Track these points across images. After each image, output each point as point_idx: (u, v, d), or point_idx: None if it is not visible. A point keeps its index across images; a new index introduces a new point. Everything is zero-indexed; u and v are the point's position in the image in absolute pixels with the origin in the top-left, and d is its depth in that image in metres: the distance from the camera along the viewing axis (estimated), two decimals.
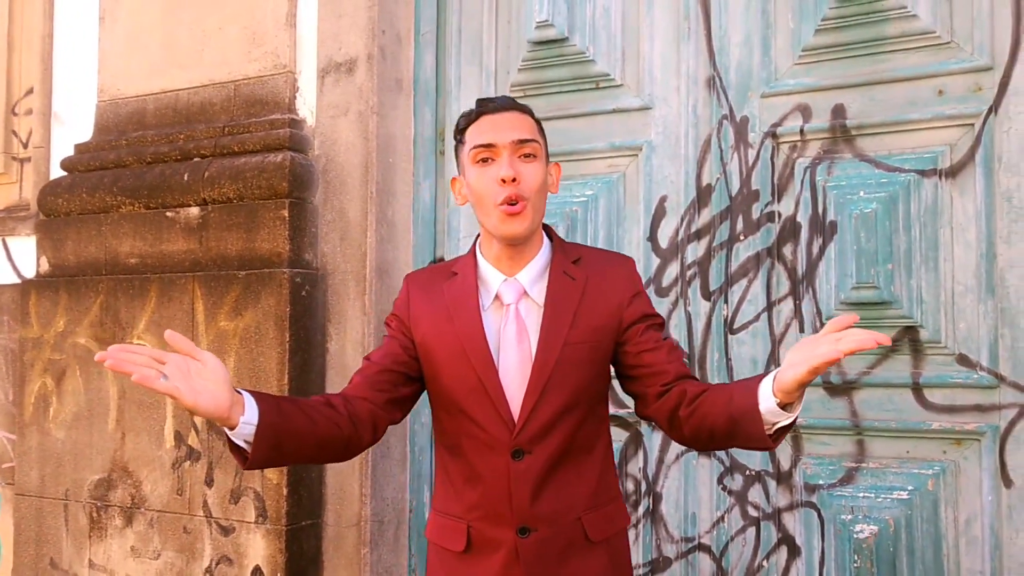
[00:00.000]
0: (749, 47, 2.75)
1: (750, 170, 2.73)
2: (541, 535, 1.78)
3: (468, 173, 1.83)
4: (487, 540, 1.80)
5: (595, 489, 1.84)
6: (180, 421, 3.13)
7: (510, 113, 1.82)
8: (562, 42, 3.00)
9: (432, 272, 1.96)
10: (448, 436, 1.86)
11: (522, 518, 1.77)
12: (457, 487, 1.84)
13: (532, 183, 1.78)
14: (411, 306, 1.88)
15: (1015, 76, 2.43)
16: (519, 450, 1.78)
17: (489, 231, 1.82)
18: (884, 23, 2.58)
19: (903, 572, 2.49)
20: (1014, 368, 2.40)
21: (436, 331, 1.83)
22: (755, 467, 2.69)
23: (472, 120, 1.83)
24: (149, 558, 3.17)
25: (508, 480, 1.77)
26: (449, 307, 1.83)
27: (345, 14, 3.12)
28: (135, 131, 3.48)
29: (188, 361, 1.50)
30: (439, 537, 1.88)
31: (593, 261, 1.89)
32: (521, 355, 1.79)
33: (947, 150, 2.50)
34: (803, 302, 2.65)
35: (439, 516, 1.89)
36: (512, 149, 1.78)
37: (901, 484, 2.51)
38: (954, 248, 2.48)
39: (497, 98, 1.87)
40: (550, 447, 1.78)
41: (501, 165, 1.76)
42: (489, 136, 1.78)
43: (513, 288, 1.83)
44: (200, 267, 3.16)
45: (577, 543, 1.80)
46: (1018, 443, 2.39)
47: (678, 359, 1.84)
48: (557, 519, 1.79)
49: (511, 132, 1.79)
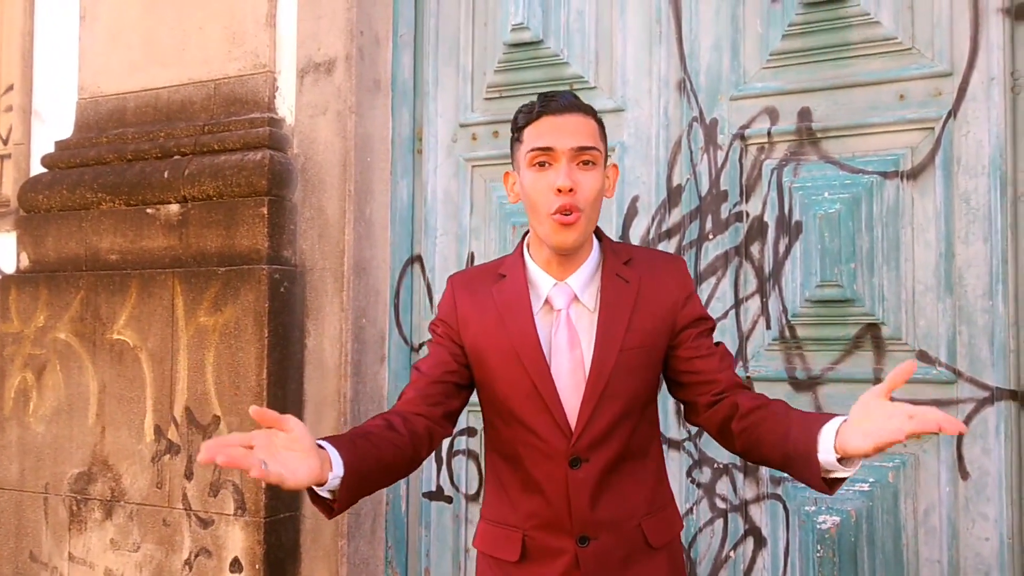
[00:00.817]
0: (719, 51, 2.83)
1: (719, 171, 2.80)
2: (602, 543, 1.74)
3: (523, 174, 1.75)
4: (544, 549, 1.76)
5: (653, 493, 1.82)
6: (160, 415, 3.17)
7: (573, 115, 1.72)
8: (537, 44, 3.06)
9: (477, 273, 1.89)
10: (505, 444, 1.81)
11: (582, 527, 1.74)
12: (512, 496, 1.80)
13: (589, 193, 1.70)
14: (458, 309, 1.82)
15: (973, 82, 2.51)
16: (577, 458, 1.73)
17: (540, 237, 1.75)
18: (848, 29, 2.66)
19: (864, 561, 2.57)
20: (971, 364, 2.48)
21: (487, 334, 1.78)
22: (723, 461, 2.76)
23: (532, 119, 1.73)
24: (128, 551, 3.21)
25: (567, 489, 1.73)
26: (500, 310, 1.77)
27: (324, 15, 3.17)
28: (115, 128, 3.51)
29: (272, 435, 1.40)
30: (491, 547, 1.83)
31: (644, 261, 1.83)
32: (573, 362, 1.74)
33: (908, 153, 2.58)
34: (770, 299, 2.72)
35: (490, 525, 1.85)
36: (571, 156, 1.69)
37: (863, 476, 2.59)
38: (914, 248, 2.56)
39: (560, 96, 1.75)
40: (607, 454, 1.74)
41: (559, 173, 1.68)
42: (548, 139, 1.70)
43: (564, 292, 1.77)
44: (180, 263, 3.20)
45: (638, 549, 1.77)
46: (975, 437, 2.48)
47: (729, 367, 1.79)
48: (617, 526, 1.76)
49: (572, 138, 1.70)
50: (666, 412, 2.80)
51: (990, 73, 2.50)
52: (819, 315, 2.65)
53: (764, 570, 2.70)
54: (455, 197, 3.19)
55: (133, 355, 3.23)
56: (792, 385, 2.68)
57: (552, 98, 1.74)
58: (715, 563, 2.76)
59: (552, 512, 1.75)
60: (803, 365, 2.68)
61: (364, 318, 3.15)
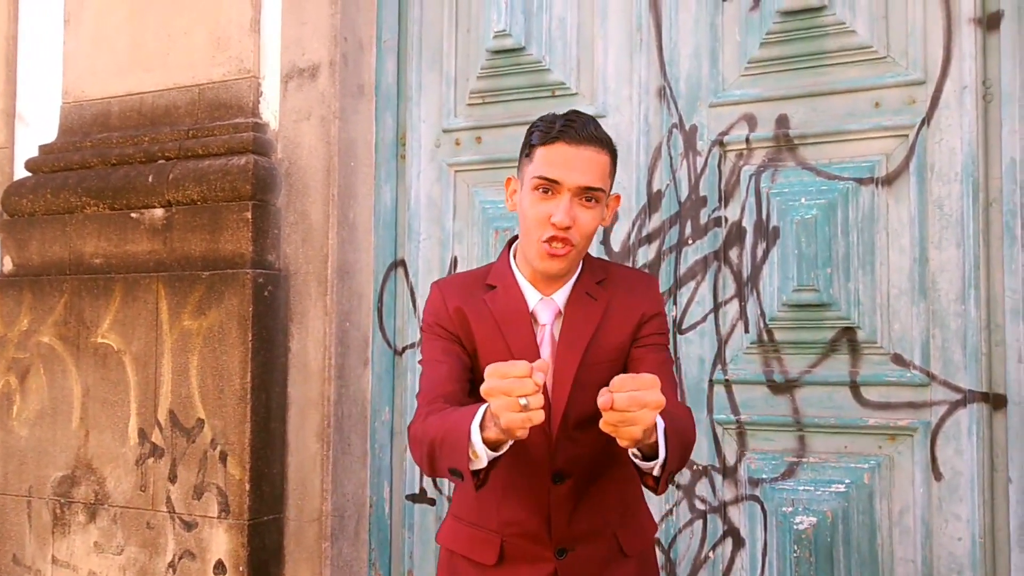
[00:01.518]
0: (698, 59, 2.87)
1: (698, 177, 2.84)
2: (578, 554, 1.77)
3: (525, 192, 1.74)
4: (523, 556, 1.78)
5: (627, 501, 1.85)
6: (144, 419, 3.19)
7: (588, 149, 1.69)
8: (519, 51, 3.09)
9: (463, 280, 1.88)
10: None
11: (560, 540, 1.77)
12: (495, 501, 1.79)
13: (585, 230, 1.71)
14: (450, 310, 1.81)
15: (946, 90, 2.56)
16: (559, 473, 1.76)
17: (528, 258, 1.77)
18: (824, 38, 2.71)
19: (840, 561, 2.61)
20: (944, 367, 2.53)
21: (483, 342, 1.78)
22: (702, 462, 2.80)
23: (548, 140, 1.70)
24: (112, 553, 3.23)
25: (548, 503, 1.76)
26: (498, 320, 1.77)
27: (308, 21, 3.20)
28: (99, 133, 3.52)
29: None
30: (465, 548, 1.83)
31: (618, 280, 1.85)
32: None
33: (883, 159, 2.63)
34: (748, 303, 2.76)
35: (464, 525, 1.85)
36: (575, 192, 1.69)
37: (839, 478, 2.64)
38: (889, 253, 2.61)
39: (581, 124, 1.70)
40: (585, 466, 1.76)
41: (559, 208, 1.67)
42: (557, 172, 1.68)
43: (549, 308, 1.79)
44: (164, 267, 3.22)
45: (613, 558, 1.80)
46: (947, 438, 2.52)
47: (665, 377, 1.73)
48: (594, 537, 1.79)
49: (580, 175, 1.68)
50: None
51: (962, 82, 2.55)
52: (796, 319, 2.69)
53: (742, 570, 2.74)
54: (438, 202, 3.22)
55: (117, 359, 3.25)
56: (770, 387, 2.72)
57: (572, 124, 1.70)
58: (694, 564, 2.80)
59: (532, 523, 1.78)
60: (780, 368, 2.72)
61: (348, 322, 3.18)
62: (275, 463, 3.09)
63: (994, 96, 2.52)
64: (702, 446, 2.79)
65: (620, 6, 2.97)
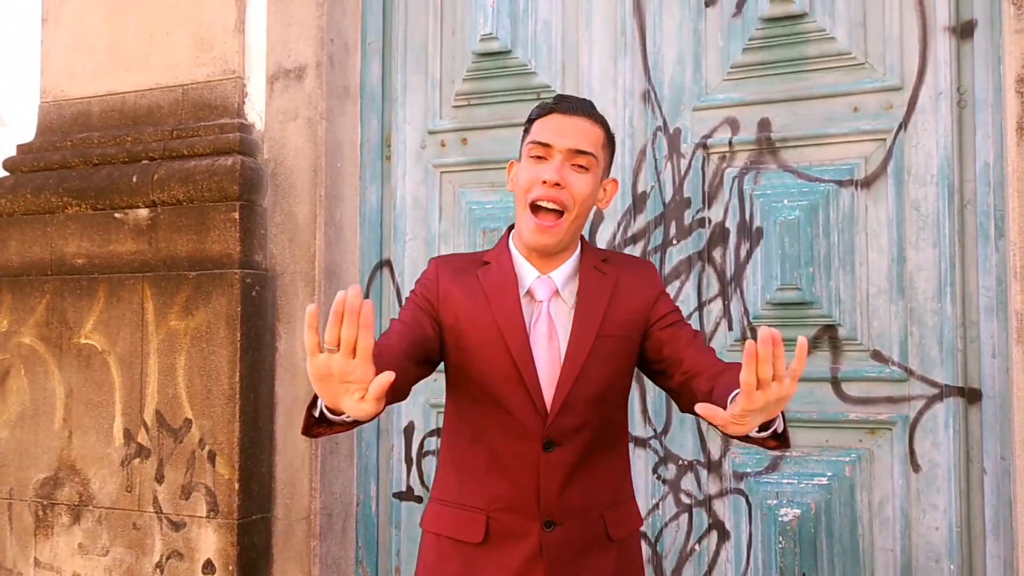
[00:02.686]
0: (682, 63, 2.94)
1: (682, 179, 2.91)
2: (566, 529, 1.78)
3: (521, 164, 1.83)
4: (508, 532, 1.78)
5: (617, 486, 1.88)
6: (129, 419, 3.18)
7: (580, 119, 1.80)
8: (505, 54, 3.14)
9: (461, 258, 1.93)
10: (471, 425, 1.83)
11: (549, 511, 1.78)
12: (478, 478, 1.81)
13: (577, 194, 1.77)
14: (440, 284, 1.83)
15: (922, 96, 2.66)
16: (550, 441, 1.77)
17: (519, 230, 1.83)
18: (805, 44, 2.79)
19: (823, 551, 2.70)
20: (922, 363, 2.63)
21: (470, 315, 1.80)
22: (688, 457, 2.87)
23: (544, 113, 1.81)
24: (97, 555, 3.22)
25: (538, 471, 1.77)
26: (487, 293, 1.81)
27: (294, 23, 3.22)
28: (79, 133, 3.51)
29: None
30: (449, 528, 1.84)
31: (620, 261, 1.91)
32: (551, 352, 1.79)
33: (862, 162, 2.72)
34: (731, 302, 2.84)
35: (447, 507, 1.86)
36: (566, 155, 1.77)
37: (821, 471, 2.72)
38: (868, 253, 2.70)
39: (576, 99, 1.84)
40: (580, 440, 1.79)
41: (549, 167, 1.76)
42: (549, 136, 1.77)
43: (546, 285, 1.83)
44: (149, 268, 3.22)
45: (598, 540, 1.82)
46: (925, 431, 2.62)
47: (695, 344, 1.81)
48: (582, 514, 1.80)
49: (571, 139, 1.77)
50: (633, 411, 2.90)
51: (938, 88, 2.64)
52: (779, 317, 2.77)
53: (728, 562, 2.81)
54: (424, 202, 3.25)
55: (101, 359, 3.24)
56: None
57: (566, 98, 1.83)
58: (680, 556, 2.87)
59: (520, 494, 1.78)
60: None
61: None
62: (263, 462, 3.11)
63: (968, 102, 2.62)
64: (687, 442, 2.87)
65: (605, 11, 3.03)
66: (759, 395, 1.38)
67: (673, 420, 2.88)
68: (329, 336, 1.30)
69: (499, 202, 3.12)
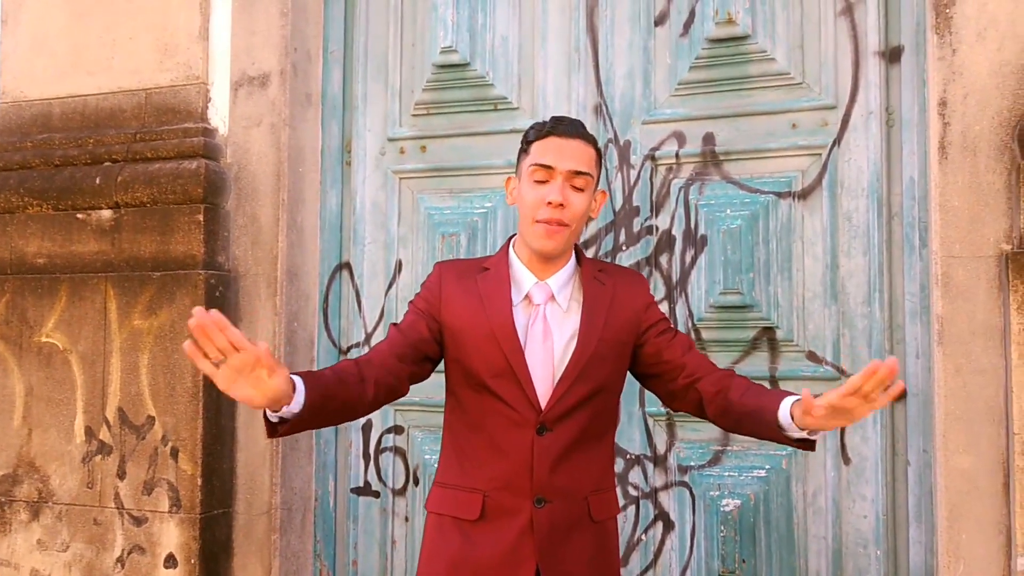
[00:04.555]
0: (632, 79, 3.10)
1: (632, 188, 3.08)
2: (555, 507, 1.97)
3: (523, 183, 2.00)
4: (503, 509, 1.97)
5: (602, 473, 2.06)
6: (91, 416, 3.24)
7: (577, 141, 1.98)
8: (464, 67, 3.28)
9: (464, 264, 2.13)
10: (471, 414, 2.02)
11: (540, 489, 1.96)
12: (476, 461, 2.00)
13: (576, 211, 1.97)
14: (443, 289, 2.04)
15: (854, 114, 2.86)
16: (543, 427, 1.96)
17: (525, 240, 2.01)
18: (748, 64, 2.98)
19: (762, 539, 2.88)
20: (853, 363, 2.82)
21: (468, 315, 2.00)
22: (635, 452, 3.03)
23: (542, 136, 1.99)
24: (57, 551, 3.26)
25: (531, 453, 1.96)
26: (483, 296, 2.00)
27: (258, 31, 3.31)
28: (40, 134, 3.55)
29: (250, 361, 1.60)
30: (449, 508, 2.02)
31: (614, 272, 2.11)
32: (545, 352, 1.98)
33: (799, 176, 2.91)
34: (677, 305, 3.01)
35: (449, 489, 2.04)
36: (567, 176, 1.95)
37: (760, 464, 2.90)
38: (804, 260, 2.89)
39: (571, 122, 2.01)
40: (571, 428, 1.98)
41: (553, 189, 1.94)
42: (550, 159, 1.96)
43: (543, 290, 2.02)
44: (112, 268, 3.28)
45: (582, 520, 2.00)
46: (855, 427, 2.81)
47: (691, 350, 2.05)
48: (569, 495, 1.98)
49: (571, 161, 1.96)
50: None
51: (868, 108, 2.85)
52: (721, 319, 2.95)
53: (672, 551, 2.98)
54: (383, 207, 3.37)
55: (63, 358, 3.29)
56: None
57: (562, 121, 2.00)
58: (628, 546, 3.03)
59: (514, 473, 1.97)
60: None
61: (295, 322, 3.30)
62: (225, 458, 3.19)
63: (895, 121, 2.83)
64: (634, 437, 3.03)
65: (559, 28, 3.19)
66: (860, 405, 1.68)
67: (621, 416, 3.04)
68: (214, 351, 1.57)
69: (457, 208, 3.25)
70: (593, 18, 3.14)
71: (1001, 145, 2.54)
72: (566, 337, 2.01)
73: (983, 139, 2.56)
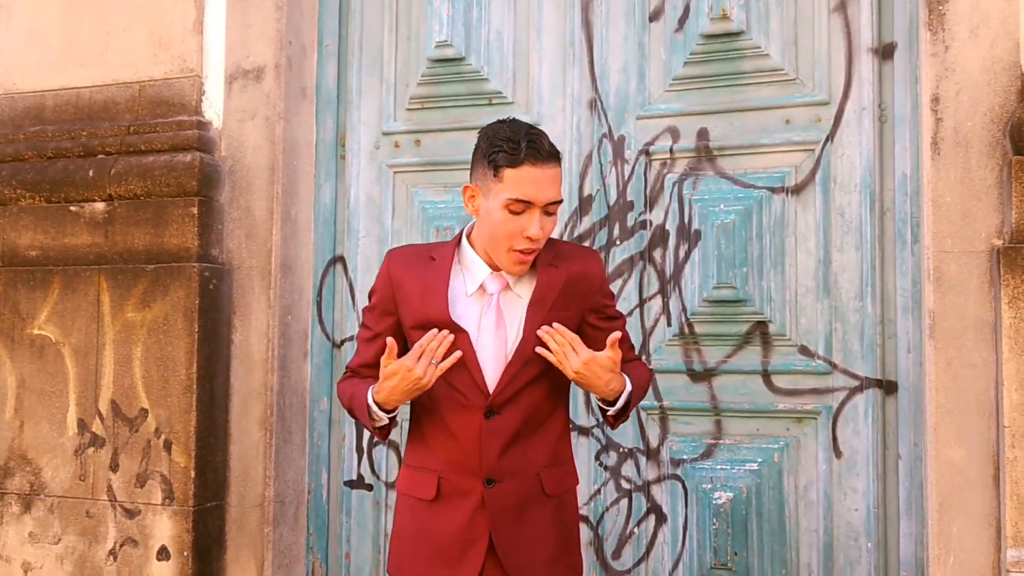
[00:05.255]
0: (627, 74, 3.12)
1: (626, 183, 3.09)
2: (505, 486, 2.02)
3: (495, 208, 1.94)
4: (456, 489, 2.03)
5: (553, 450, 2.10)
6: (84, 409, 3.23)
7: (550, 167, 1.95)
8: (459, 61, 3.28)
9: (413, 251, 2.18)
10: (424, 398, 2.06)
11: (489, 470, 2.01)
12: (431, 443, 2.08)
13: (548, 234, 2.00)
14: (392, 278, 2.09)
15: (847, 110, 2.88)
16: (491, 410, 2.02)
17: (494, 258, 2.01)
18: (742, 59, 2.99)
19: (754, 532, 2.90)
20: (845, 357, 2.84)
21: (413, 305, 2.05)
22: (628, 445, 3.05)
23: (517, 163, 1.91)
24: (49, 543, 3.25)
25: (480, 436, 2.01)
26: (423, 289, 2.05)
27: (253, 24, 3.31)
28: (33, 126, 3.54)
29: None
30: (410, 488, 2.11)
31: (569, 255, 2.11)
32: (497, 340, 2.03)
33: (792, 171, 2.93)
34: (671, 300, 3.02)
35: (411, 470, 2.12)
36: (543, 207, 1.95)
37: (752, 457, 2.92)
38: (797, 255, 2.91)
39: (542, 144, 1.94)
40: (520, 408, 2.03)
41: (532, 222, 1.93)
42: (530, 193, 1.91)
43: (498, 281, 2.06)
44: (106, 260, 3.27)
45: (535, 496, 2.06)
46: (847, 420, 2.84)
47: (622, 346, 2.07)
48: (519, 474, 2.04)
49: (548, 191, 1.94)
50: (577, 402, 3.06)
51: (861, 104, 2.87)
52: (714, 314, 2.97)
53: (665, 544, 3.00)
54: (377, 201, 3.37)
55: (55, 350, 3.28)
56: (689, 376, 2.99)
57: (536, 146, 1.93)
58: (620, 539, 3.04)
59: (464, 456, 2.03)
60: (699, 358, 2.99)
61: (289, 315, 3.30)
62: (218, 451, 3.19)
63: (888, 117, 2.85)
64: (628, 431, 3.04)
65: (554, 22, 3.20)
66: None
67: None
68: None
69: (451, 202, 3.25)
70: (588, 13, 3.16)
71: (993, 141, 2.56)
72: (517, 324, 2.05)
73: (975, 135, 2.58)
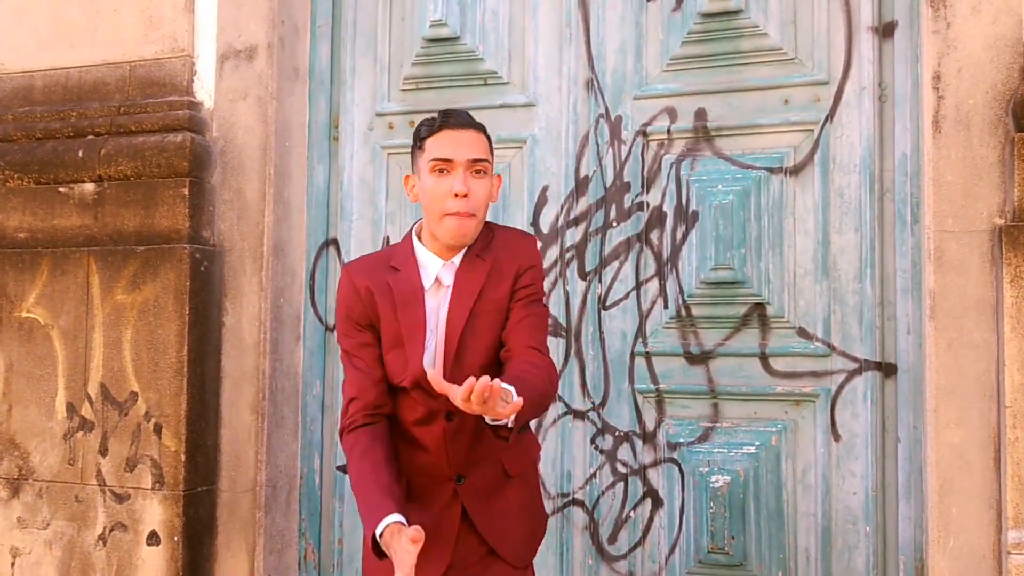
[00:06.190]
0: (624, 54, 3.08)
1: (623, 164, 3.05)
2: (473, 479, 2.08)
3: (424, 179, 2.03)
4: (426, 489, 2.09)
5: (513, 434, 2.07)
6: (73, 392, 3.19)
7: (469, 131, 2.03)
8: (454, 41, 3.24)
9: (371, 262, 2.14)
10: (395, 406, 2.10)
11: (458, 468, 2.07)
12: (405, 455, 2.10)
13: (480, 198, 2.02)
14: (361, 294, 2.06)
15: (847, 90, 2.84)
16: (450, 412, 2.01)
17: (436, 236, 2.03)
18: (740, 39, 2.96)
19: (751, 516, 2.87)
20: (843, 339, 2.81)
21: (384, 318, 2.05)
22: (624, 429, 3.01)
23: (434, 131, 2.02)
24: (37, 528, 3.21)
25: (445, 439, 2.04)
26: (396, 300, 2.04)
27: (245, 3, 3.26)
28: (21, 107, 3.49)
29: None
30: None
31: (502, 241, 2.11)
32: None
33: (791, 151, 2.89)
34: (667, 282, 2.99)
35: None
36: (467, 166, 1.99)
37: (750, 440, 2.89)
38: (796, 236, 2.87)
39: (459, 113, 2.06)
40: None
41: (456, 179, 1.98)
42: (449, 151, 1.99)
43: (451, 271, 2.07)
44: (95, 242, 3.23)
45: (499, 479, 2.11)
46: (845, 403, 2.81)
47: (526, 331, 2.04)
48: (484, 463, 2.09)
49: (468, 150, 2.00)
50: (572, 384, 3.03)
51: (861, 83, 2.83)
52: (712, 295, 2.94)
53: (661, 528, 2.96)
54: (371, 183, 3.33)
55: (44, 333, 3.24)
56: (687, 359, 2.96)
57: (452, 115, 2.04)
58: (616, 523, 3.01)
59: (433, 463, 2.07)
60: (697, 341, 2.95)
61: (282, 298, 3.26)
62: (209, 435, 3.15)
63: (888, 97, 2.81)
64: (623, 414, 3.01)
65: (550, 1, 3.15)
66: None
67: (611, 393, 3.02)
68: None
69: None
70: None
71: (995, 119, 2.53)
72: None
73: (977, 113, 2.55)
